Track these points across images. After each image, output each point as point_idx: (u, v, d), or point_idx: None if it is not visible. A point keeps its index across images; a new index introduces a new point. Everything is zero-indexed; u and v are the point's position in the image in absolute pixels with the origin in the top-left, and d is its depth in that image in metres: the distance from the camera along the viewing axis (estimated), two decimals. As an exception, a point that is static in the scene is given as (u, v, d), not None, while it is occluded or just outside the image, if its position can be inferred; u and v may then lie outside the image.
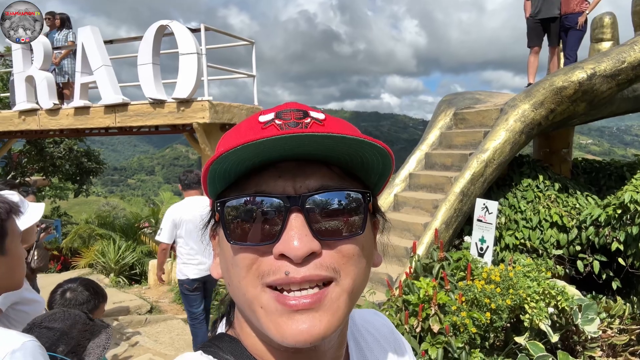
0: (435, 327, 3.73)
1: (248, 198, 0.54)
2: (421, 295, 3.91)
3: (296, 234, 0.52)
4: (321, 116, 0.57)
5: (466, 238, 5.21)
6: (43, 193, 16.19)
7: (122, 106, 6.72)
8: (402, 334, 3.84)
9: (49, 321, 1.58)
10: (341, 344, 0.65)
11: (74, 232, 9.90)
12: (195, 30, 6.41)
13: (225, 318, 0.66)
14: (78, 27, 7.12)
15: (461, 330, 3.74)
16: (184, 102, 6.28)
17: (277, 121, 0.54)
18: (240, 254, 0.55)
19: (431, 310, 3.81)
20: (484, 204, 4.74)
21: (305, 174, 0.55)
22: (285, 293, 0.53)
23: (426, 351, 3.72)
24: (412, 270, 4.35)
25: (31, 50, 7.40)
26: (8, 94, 8.93)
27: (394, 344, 0.80)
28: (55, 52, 7.83)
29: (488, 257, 4.66)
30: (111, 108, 6.80)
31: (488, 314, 3.83)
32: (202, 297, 4.48)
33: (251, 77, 7.45)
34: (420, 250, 4.84)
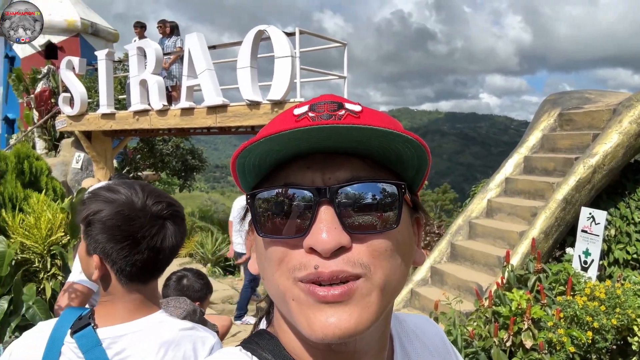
0: (528, 343, 3.50)
1: (276, 190, 0.54)
2: (513, 308, 3.68)
3: (325, 227, 0.50)
4: (357, 108, 0.55)
5: (568, 250, 4.82)
6: (153, 187, 17.68)
7: (222, 107, 7.14)
8: (490, 347, 3.65)
9: (176, 302, 1.74)
10: (382, 348, 0.62)
11: (177, 223, 10.70)
12: (290, 34, 6.62)
13: (266, 316, 0.67)
14: (186, 34, 7.68)
15: (557, 348, 3.47)
16: (278, 104, 6.51)
17: (310, 114, 0.53)
18: (271, 247, 0.54)
19: (524, 324, 3.57)
20: (590, 214, 4.35)
21: (336, 165, 0.54)
22: (315, 285, 0.51)
23: (517, 367, 3.50)
24: (504, 280, 4.12)
25: (145, 56, 8.13)
26: (124, 96, 9.89)
27: (445, 354, 0.76)
28: (165, 57, 8.53)
29: (592, 272, 4.27)
30: (212, 109, 7.25)
31: (589, 333, 3.50)
32: None
33: (342, 78, 7.52)
34: (515, 260, 4.56)
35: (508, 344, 3.63)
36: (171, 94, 8.61)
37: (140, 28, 9.66)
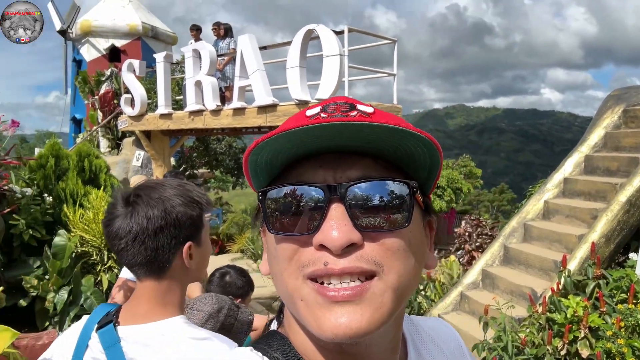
0: (585, 353, 3.31)
1: (288, 187, 0.54)
2: (569, 315, 3.50)
3: (335, 224, 0.50)
4: (369, 109, 0.55)
5: (631, 255, 4.52)
6: (209, 184, 18.27)
7: (272, 107, 7.25)
8: (543, 355, 3.48)
9: (199, 304, 1.79)
10: (394, 350, 0.61)
11: (230, 220, 11.00)
12: (339, 33, 6.61)
13: (277, 317, 0.67)
14: (239, 35, 7.85)
15: (617, 359, 3.25)
16: (326, 102, 6.53)
17: (322, 114, 0.53)
18: (282, 244, 0.54)
19: (580, 332, 3.39)
20: (657, 217, 4.05)
21: (347, 163, 0.54)
22: (325, 285, 0.51)
23: (572, 378, 3.32)
24: (560, 286, 3.92)
25: (200, 57, 8.40)
26: (181, 97, 10.27)
27: (460, 358, 0.76)
28: (219, 59, 8.77)
29: (659, 280, 3.97)
30: (262, 109, 7.38)
31: (654, 345, 3.27)
32: None
33: (392, 75, 7.43)
34: (572, 265, 4.33)
35: (562, 352, 3.45)
36: (225, 95, 8.85)
37: (196, 31, 10.00)
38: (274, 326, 0.66)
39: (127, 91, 10.42)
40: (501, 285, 5.04)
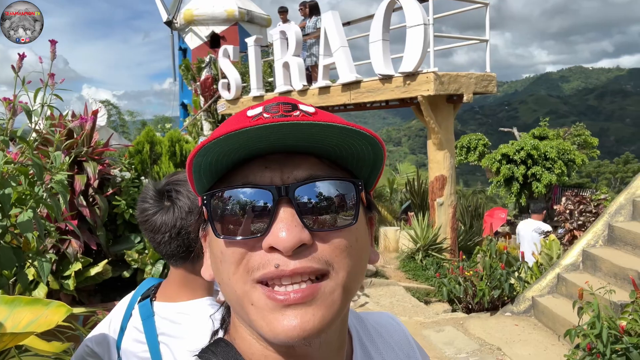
0: (694, 346, 2.93)
1: (234, 190, 0.53)
2: (677, 303, 3.11)
3: (285, 226, 0.50)
4: (311, 109, 0.54)
5: None
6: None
7: (356, 84, 7.20)
8: (645, 345, 3.15)
9: None
10: (341, 346, 0.61)
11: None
12: (423, 0, 6.33)
13: (222, 324, 0.67)
14: (334, 9, 7.77)
15: None
16: (410, 76, 6.33)
17: (265, 114, 0.52)
18: (230, 248, 0.53)
19: (689, 323, 3.00)
20: None
21: (293, 164, 0.54)
22: (276, 288, 0.51)
23: (681, 373, 2.97)
24: (671, 270, 3.48)
25: (287, 39, 8.57)
26: (271, 79, 10.61)
27: (408, 349, 0.76)
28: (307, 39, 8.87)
29: None
30: (347, 86, 7.37)
31: None
32: None
33: (484, 41, 6.95)
34: (688, 246, 3.81)
35: (669, 344, 3.09)
36: (311, 74, 8.96)
37: (284, 13, 10.18)
38: (221, 334, 0.66)
39: (224, 76, 10.98)
40: (603, 267, 4.60)
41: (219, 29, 17.00)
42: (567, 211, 5.85)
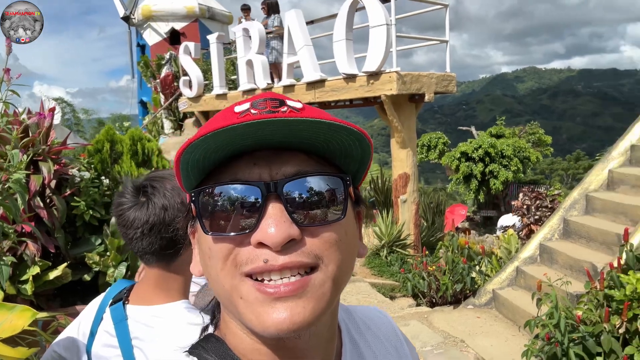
0: (644, 332, 3.11)
1: (223, 187, 0.53)
2: (628, 292, 3.29)
3: (274, 221, 0.50)
4: (298, 105, 0.55)
5: None
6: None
7: (320, 82, 7.22)
8: (600, 333, 3.31)
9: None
10: (331, 339, 0.62)
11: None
12: (385, 1, 6.41)
13: (212, 320, 0.67)
14: (294, 8, 7.77)
15: (681, 340, 3.03)
16: (373, 75, 6.40)
17: (252, 110, 0.53)
18: (218, 244, 0.54)
19: None
20: None
21: (282, 160, 0.54)
22: (265, 282, 0.51)
23: (631, 357, 3.14)
24: (621, 261, 3.67)
25: (250, 37, 8.49)
26: (234, 77, 10.48)
27: (396, 342, 0.77)
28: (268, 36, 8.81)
29: None
30: (311, 85, 7.37)
31: None
32: None
33: (444, 42, 7.12)
34: (636, 239, 4.03)
35: (621, 330, 3.28)
36: (272, 72, 8.90)
37: (247, 10, 10.08)
38: (211, 330, 0.66)
39: (185, 73, 10.78)
40: (560, 260, 4.80)
41: (178, 25, 16.66)
42: (525, 206, 6.07)
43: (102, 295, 1.29)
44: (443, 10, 7.26)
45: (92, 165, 3.90)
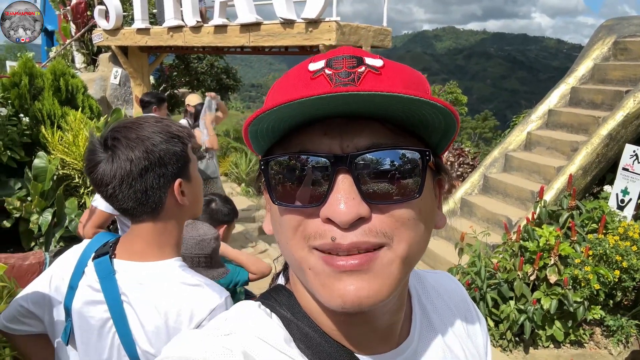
0: (553, 278, 3.52)
1: (291, 157, 0.51)
2: (541, 244, 3.67)
3: (343, 197, 0.48)
4: (378, 63, 0.51)
5: (606, 187, 4.67)
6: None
7: (256, 25, 6.91)
8: (514, 279, 3.69)
9: (189, 230, 1.87)
10: (400, 308, 0.61)
11: (212, 142, 10.91)
12: (328, -55, 6.17)
13: (283, 272, 0.66)
14: None
15: (582, 284, 3.47)
16: (312, 23, 6.24)
17: (327, 70, 0.50)
18: (286, 215, 0.53)
19: (550, 260, 3.57)
20: (635, 152, 4.14)
21: (354, 130, 0.50)
22: (333, 255, 0.50)
23: (538, 300, 3.55)
24: (535, 216, 4.07)
25: (178, -32, 7.83)
26: (155, 11, 9.69)
27: (465, 311, 0.76)
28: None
29: (629, 211, 4.15)
30: (246, 27, 7.04)
31: (617, 272, 3.48)
32: None
33: (383, -5, 7.08)
34: (549, 195, 4.46)
35: (532, 277, 3.66)
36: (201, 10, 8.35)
37: None
38: (281, 280, 0.65)
39: (101, 2, 9.77)
40: (479, 213, 5.21)
41: (90, -54, 14.89)
42: (448, 163, 6.43)
43: (78, 247, 1.20)
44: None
45: (10, 101, 3.49)
